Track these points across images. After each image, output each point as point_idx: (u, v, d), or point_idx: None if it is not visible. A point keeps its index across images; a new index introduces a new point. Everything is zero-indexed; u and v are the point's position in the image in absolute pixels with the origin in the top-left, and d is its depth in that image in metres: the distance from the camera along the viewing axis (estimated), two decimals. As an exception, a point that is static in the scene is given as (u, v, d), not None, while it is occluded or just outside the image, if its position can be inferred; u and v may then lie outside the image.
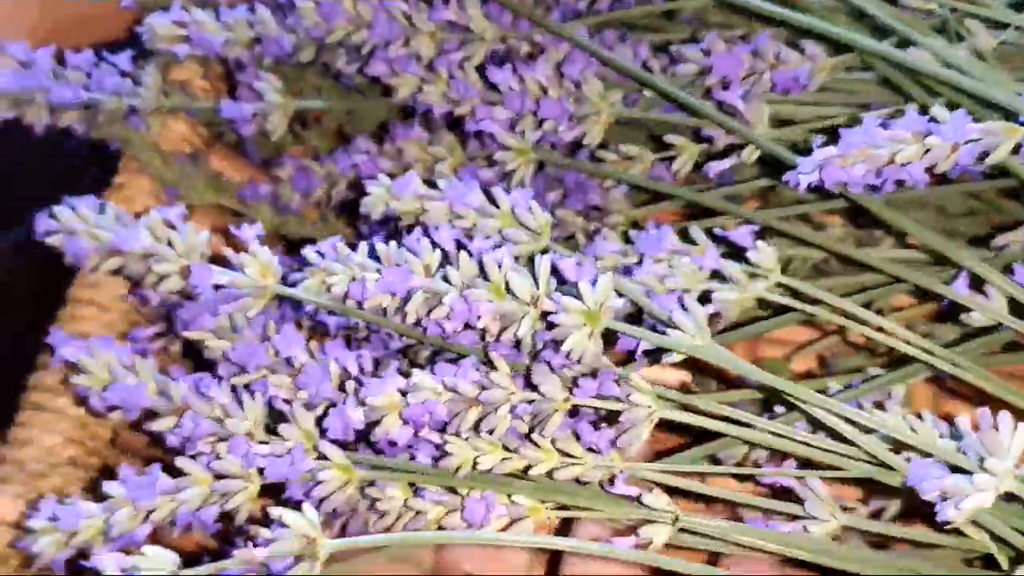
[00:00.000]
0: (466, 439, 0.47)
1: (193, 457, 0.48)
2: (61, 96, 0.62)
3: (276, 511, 0.42)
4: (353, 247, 0.49)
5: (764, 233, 0.59)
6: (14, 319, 0.68)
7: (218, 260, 0.51)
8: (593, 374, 0.47)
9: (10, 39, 0.63)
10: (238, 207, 0.64)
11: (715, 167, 0.58)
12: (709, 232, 0.52)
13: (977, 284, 0.54)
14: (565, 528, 0.51)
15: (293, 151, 0.69)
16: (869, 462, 0.48)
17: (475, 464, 0.46)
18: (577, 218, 0.62)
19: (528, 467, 0.47)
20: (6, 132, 0.64)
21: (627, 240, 0.54)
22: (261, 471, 0.47)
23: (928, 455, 0.45)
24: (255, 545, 0.42)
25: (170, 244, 0.51)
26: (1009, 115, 0.51)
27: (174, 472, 0.48)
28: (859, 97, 0.60)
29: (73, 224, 0.53)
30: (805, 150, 0.60)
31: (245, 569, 0.42)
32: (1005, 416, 0.43)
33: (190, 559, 0.43)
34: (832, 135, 0.55)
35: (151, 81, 0.63)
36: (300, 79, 0.67)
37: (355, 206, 0.59)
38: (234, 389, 0.51)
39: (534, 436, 0.47)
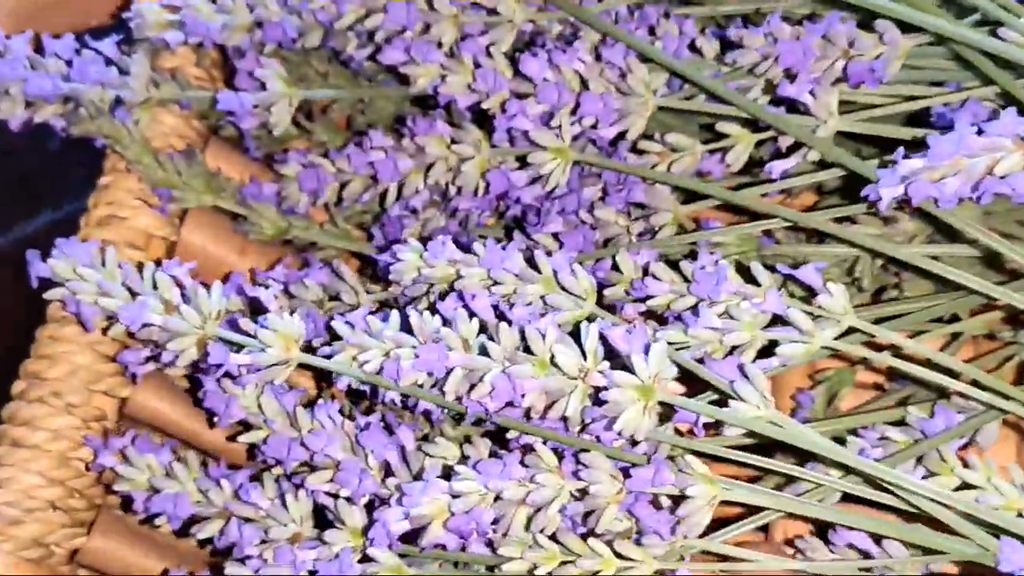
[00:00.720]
0: (517, 539, 0.43)
1: (242, 561, 0.47)
2: (39, 87, 0.56)
3: None
4: (384, 305, 0.44)
5: (824, 237, 0.54)
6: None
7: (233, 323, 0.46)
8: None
9: (-18, 24, 0.57)
10: (238, 209, 0.58)
11: (778, 166, 0.51)
12: (771, 267, 0.47)
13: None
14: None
15: (297, 146, 0.62)
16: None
17: (531, 572, 0.43)
18: (619, 217, 0.55)
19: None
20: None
21: (674, 266, 0.49)
22: (312, 573, 0.45)
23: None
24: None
25: (181, 315, 0.46)
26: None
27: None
28: (930, 74, 0.53)
29: (73, 284, 0.48)
30: (877, 142, 0.54)
31: None
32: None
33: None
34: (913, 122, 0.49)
35: (139, 70, 0.57)
36: (305, 65, 0.61)
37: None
38: (278, 480, 0.50)
39: (591, 541, 0.43)
